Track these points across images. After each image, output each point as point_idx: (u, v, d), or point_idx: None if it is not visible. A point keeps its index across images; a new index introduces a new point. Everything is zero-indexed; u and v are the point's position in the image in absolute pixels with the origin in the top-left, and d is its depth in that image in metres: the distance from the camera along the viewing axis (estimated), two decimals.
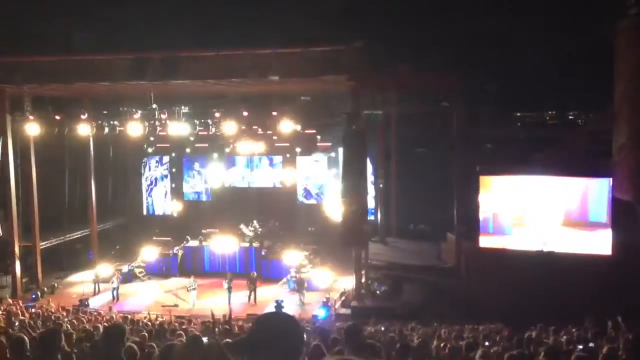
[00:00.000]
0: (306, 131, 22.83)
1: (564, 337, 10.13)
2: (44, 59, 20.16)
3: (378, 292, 20.24)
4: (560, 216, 18.92)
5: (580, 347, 8.47)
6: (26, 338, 5.56)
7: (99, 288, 21.81)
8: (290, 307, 19.00)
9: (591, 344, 8.80)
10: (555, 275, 16.97)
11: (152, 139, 24.18)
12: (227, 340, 5.90)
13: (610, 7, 18.58)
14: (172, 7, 19.87)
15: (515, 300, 15.94)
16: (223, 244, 24.10)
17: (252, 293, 20.53)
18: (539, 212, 19.30)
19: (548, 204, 19.21)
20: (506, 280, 17.08)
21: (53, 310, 17.49)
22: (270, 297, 20.81)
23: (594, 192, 18.70)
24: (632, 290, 15.99)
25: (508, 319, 13.74)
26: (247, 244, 24.15)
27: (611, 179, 18.06)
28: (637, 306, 13.42)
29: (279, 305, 17.84)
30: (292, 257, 23.35)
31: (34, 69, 20.18)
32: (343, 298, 20.17)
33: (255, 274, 21.38)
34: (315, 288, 21.32)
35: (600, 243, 18.26)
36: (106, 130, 22.03)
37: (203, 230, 25.14)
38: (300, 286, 20.38)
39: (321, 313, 18.47)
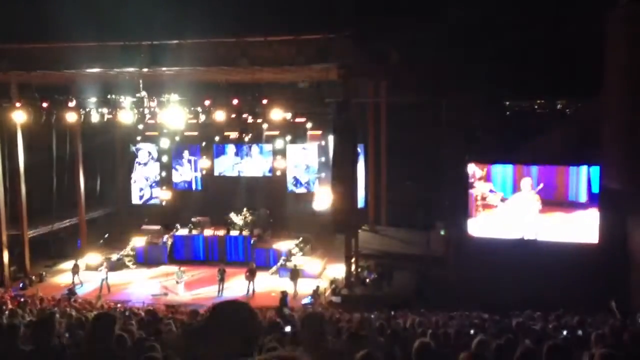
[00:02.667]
0: (296, 119, 22.73)
1: (551, 324, 10.24)
2: (30, 46, 19.89)
3: (368, 280, 20.35)
4: (538, 202, 19.12)
5: (565, 332, 8.57)
6: (20, 325, 5.52)
7: (78, 278, 21.34)
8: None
9: (579, 332, 8.90)
10: (544, 264, 17.14)
11: (141, 127, 24.00)
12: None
13: None
14: None
15: (503, 288, 16.09)
16: (213, 233, 24.13)
17: (251, 284, 20.44)
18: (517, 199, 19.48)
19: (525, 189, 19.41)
20: (495, 268, 17.23)
21: (42, 298, 17.43)
22: (261, 285, 20.83)
23: (574, 175, 18.95)
24: (618, 277, 16.20)
25: (496, 306, 13.87)
26: (237, 233, 24.14)
27: (600, 167, 18.21)
28: (623, 293, 13.60)
29: (284, 296, 17.84)
30: (282, 245, 23.39)
31: (21, 55, 19.91)
32: (333, 286, 20.25)
33: (254, 265, 21.23)
34: (306, 276, 21.36)
35: (586, 231, 18.44)
36: (95, 117, 21.80)
37: (193, 219, 25.09)
38: (295, 276, 20.34)
39: (307, 300, 18.66)
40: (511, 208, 19.38)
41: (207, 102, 21.02)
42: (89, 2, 19.51)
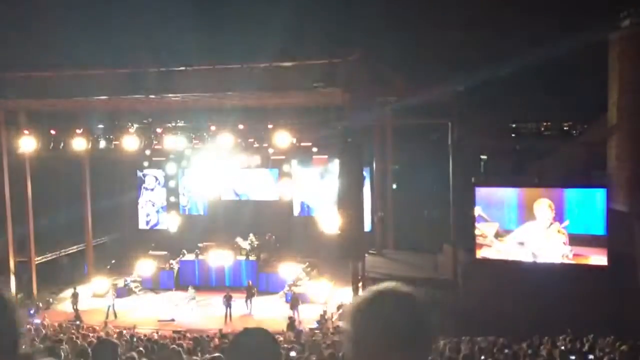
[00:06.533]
0: (302, 144, 22.78)
1: (559, 348, 10.09)
2: (38, 74, 20.14)
3: None
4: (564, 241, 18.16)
5: (573, 358, 8.43)
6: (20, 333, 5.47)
7: (77, 308, 20.98)
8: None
9: (591, 356, 8.76)
10: (552, 287, 16.93)
11: (147, 152, 24.15)
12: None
13: (604, 19, 18.74)
14: (167, 21, 19.96)
15: (512, 312, 15.90)
16: (219, 258, 24.04)
17: (249, 301, 20.52)
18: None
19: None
20: (503, 292, 17.04)
21: (48, 325, 17.36)
22: (267, 310, 20.70)
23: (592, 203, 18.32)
24: (627, 301, 15.97)
25: (505, 331, 13.68)
26: (243, 258, 24.05)
27: (606, 189, 18.04)
28: (633, 318, 13.39)
29: (292, 321, 17.91)
30: (288, 270, 23.26)
31: (29, 83, 20.16)
32: (340, 311, 20.05)
33: (250, 282, 21.64)
34: (312, 301, 21.20)
35: (597, 255, 18.20)
36: (102, 144, 21.96)
37: (199, 244, 25.02)
38: (295, 303, 20.18)
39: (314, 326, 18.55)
40: (520, 240, 18.82)
41: (212, 127, 21.17)
42: (96, 31, 19.82)
